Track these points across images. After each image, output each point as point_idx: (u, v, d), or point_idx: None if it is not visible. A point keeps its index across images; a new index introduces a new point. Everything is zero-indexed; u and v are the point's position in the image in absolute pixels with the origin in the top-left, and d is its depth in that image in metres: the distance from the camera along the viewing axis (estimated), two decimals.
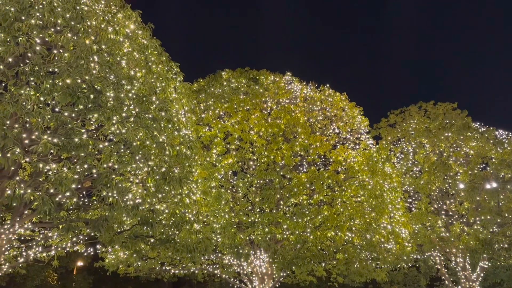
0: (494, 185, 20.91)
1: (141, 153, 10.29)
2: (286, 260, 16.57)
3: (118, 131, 9.62)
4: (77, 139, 9.12)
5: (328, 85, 21.20)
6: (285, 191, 17.06)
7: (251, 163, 18.34)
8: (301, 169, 19.19)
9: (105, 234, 10.97)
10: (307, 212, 16.61)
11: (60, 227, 12.44)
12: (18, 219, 11.23)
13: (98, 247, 15.17)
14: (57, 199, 9.40)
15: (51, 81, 8.80)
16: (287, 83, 21.11)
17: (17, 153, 8.46)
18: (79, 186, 10.79)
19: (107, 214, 10.61)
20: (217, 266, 20.80)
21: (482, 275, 23.97)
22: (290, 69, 29.32)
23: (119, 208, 10.11)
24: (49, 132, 9.36)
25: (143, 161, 10.55)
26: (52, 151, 8.95)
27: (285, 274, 19.85)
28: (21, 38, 8.79)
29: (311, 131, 18.63)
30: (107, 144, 9.97)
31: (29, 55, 9.13)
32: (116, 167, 10.05)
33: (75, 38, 9.61)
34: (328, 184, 17.45)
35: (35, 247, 12.94)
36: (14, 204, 10.04)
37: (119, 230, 12.17)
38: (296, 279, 24.78)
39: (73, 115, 9.59)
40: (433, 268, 33.07)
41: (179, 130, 11.91)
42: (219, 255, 18.41)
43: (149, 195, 11.30)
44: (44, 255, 13.80)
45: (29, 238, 14.16)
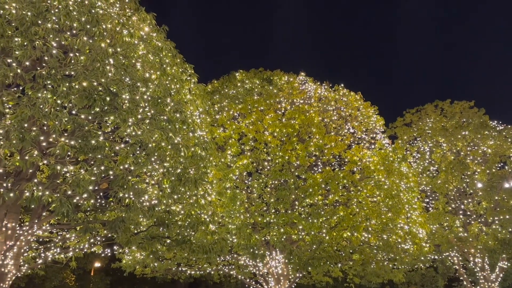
0: None
1: (156, 154, 10.35)
2: (302, 260, 16.50)
3: (134, 133, 9.69)
4: (93, 141, 9.20)
5: (342, 85, 21.11)
6: (300, 192, 17.00)
7: (266, 163, 18.33)
8: (316, 169, 19.10)
9: (122, 235, 11.06)
10: (323, 212, 16.55)
11: (77, 228, 12.58)
12: (36, 221, 11.39)
13: (115, 248, 15.31)
14: (75, 201, 9.50)
15: (67, 84, 8.89)
16: (301, 83, 21.06)
17: (35, 155, 8.58)
18: (96, 187, 10.92)
19: (123, 215, 10.69)
20: (233, 266, 20.81)
21: (501, 275, 23.60)
22: (304, 69, 29.20)
23: (135, 209, 10.19)
24: (66, 134, 9.46)
25: (158, 162, 10.61)
26: (69, 153, 9.06)
27: (301, 274, 19.79)
28: (37, 42, 8.91)
29: (326, 131, 18.56)
30: (123, 146, 10.05)
31: (46, 58, 9.24)
32: (132, 168, 10.13)
33: (91, 41, 9.71)
34: (343, 184, 17.35)
35: (53, 248, 13.10)
36: (32, 206, 10.18)
37: (135, 231, 12.27)
38: (312, 280, 24.67)
39: (90, 118, 9.68)
40: (451, 268, 32.76)
41: (194, 131, 11.95)
42: (235, 255, 18.43)
43: (164, 196, 11.35)
44: (62, 256, 13.97)
45: (48, 239, 14.35)
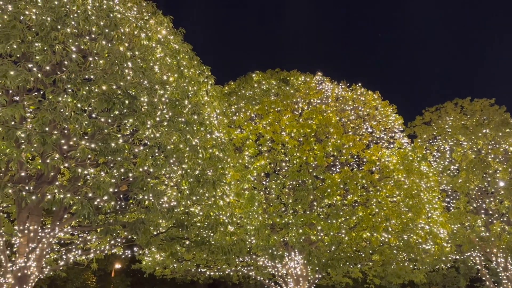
0: None
1: (175, 156, 10.42)
2: (321, 261, 16.41)
3: (152, 135, 9.77)
4: (113, 144, 9.29)
5: (360, 84, 20.95)
6: (319, 192, 16.91)
7: (283, 164, 18.28)
8: (334, 169, 18.99)
9: (142, 236, 11.16)
10: (341, 213, 16.43)
11: (98, 230, 12.75)
12: (58, 223, 11.55)
13: (135, 249, 15.43)
14: (96, 203, 9.61)
15: (87, 88, 9.01)
16: (318, 83, 20.97)
17: (56, 158, 8.69)
18: (116, 190, 11.01)
19: (143, 217, 10.78)
20: (252, 267, 20.82)
21: None
22: (320, 69, 29.08)
23: (155, 211, 10.27)
24: (86, 137, 9.58)
25: (177, 164, 10.68)
26: (89, 156, 9.16)
27: (320, 275, 19.68)
28: (57, 46, 9.03)
29: (344, 131, 18.43)
30: (142, 148, 10.14)
31: (66, 63, 9.37)
32: (151, 170, 10.22)
33: (109, 45, 9.83)
34: (362, 184, 17.21)
35: (74, 250, 13.28)
36: (54, 208, 10.35)
37: (155, 232, 12.36)
38: (331, 280, 24.54)
39: (109, 121, 9.79)
40: (473, 268, 32.28)
41: (211, 133, 12.01)
42: (254, 256, 18.43)
43: (183, 198, 11.42)
44: (83, 258, 14.15)
45: (69, 241, 14.58)
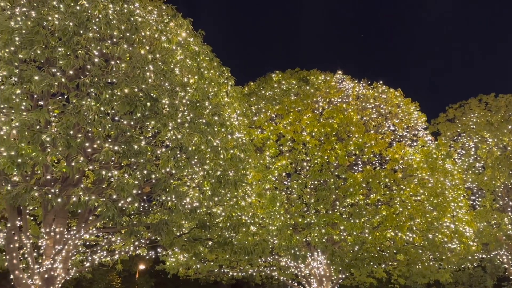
0: None
1: (196, 157, 10.47)
2: (344, 261, 16.27)
3: (174, 137, 9.83)
4: (136, 146, 9.40)
5: (381, 82, 20.70)
6: (341, 192, 16.77)
7: (305, 164, 18.19)
8: (356, 168, 18.81)
9: (165, 237, 11.23)
10: (365, 212, 16.26)
11: (122, 231, 12.89)
12: (83, 225, 11.73)
13: (159, 250, 15.56)
14: (120, 205, 9.71)
15: (110, 91, 9.13)
16: (338, 82, 20.82)
17: (81, 161, 8.82)
18: (139, 191, 11.15)
19: (166, 218, 10.86)
20: (275, 268, 20.77)
21: None
22: (340, 67, 28.90)
23: (177, 212, 10.34)
24: (110, 140, 9.70)
25: (198, 165, 10.74)
26: (113, 158, 9.28)
27: (344, 276, 19.55)
28: (80, 51, 9.19)
29: (365, 130, 18.24)
30: (164, 150, 10.22)
31: (88, 67, 9.51)
32: (173, 172, 10.30)
33: (131, 48, 9.95)
34: (385, 183, 17.00)
35: (99, 251, 13.46)
36: (79, 210, 10.53)
37: (178, 233, 12.43)
38: (355, 281, 24.29)
39: (132, 123, 9.91)
40: (500, 267, 31.62)
41: (232, 133, 12.03)
42: (276, 257, 18.39)
43: (205, 199, 11.47)
44: (108, 259, 14.34)
45: (94, 243, 14.78)
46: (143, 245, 14.03)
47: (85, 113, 8.81)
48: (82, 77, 9.49)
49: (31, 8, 9.29)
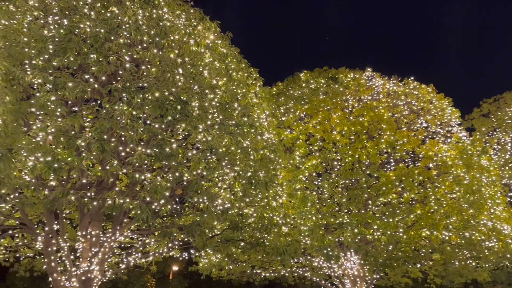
0: None
1: (227, 159, 10.52)
2: (378, 261, 16.03)
3: (204, 139, 9.90)
4: (168, 149, 9.51)
5: (412, 78, 20.29)
6: (373, 190, 16.53)
7: (335, 163, 18.01)
8: (388, 167, 18.49)
9: (198, 239, 11.31)
10: (398, 211, 15.98)
11: (156, 233, 13.08)
12: (118, 228, 11.96)
13: (192, 251, 15.68)
14: (153, 207, 9.87)
15: (141, 96, 9.28)
16: (368, 79, 20.53)
17: (115, 165, 8.99)
18: (172, 193, 11.28)
19: (199, 219, 10.95)
20: (307, 268, 20.63)
21: None
22: (370, 64, 28.47)
23: (209, 213, 10.41)
24: (142, 143, 9.85)
25: (229, 166, 10.77)
26: (146, 161, 9.43)
27: (378, 276, 19.26)
28: (111, 57, 9.37)
29: (397, 127, 17.92)
30: (195, 152, 10.32)
31: (120, 72, 9.69)
32: (204, 173, 10.38)
33: (160, 53, 10.09)
34: (419, 181, 16.68)
35: (134, 253, 13.71)
36: (114, 213, 10.75)
37: (210, 234, 12.51)
38: (390, 281, 23.90)
39: (163, 126, 10.03)
40: None
41: (261, 134, 12.03)
42: (309, 257, 18.28)
43: (237, 200, 11.51)
44: (143, 260, 14.58)
45: (129, 245, 15.03)
46: (177, 247, 14.18)
47: (118, 118, 8.98)
48: (114, 82, 9.66)
49: (63, 16, 9.53)
